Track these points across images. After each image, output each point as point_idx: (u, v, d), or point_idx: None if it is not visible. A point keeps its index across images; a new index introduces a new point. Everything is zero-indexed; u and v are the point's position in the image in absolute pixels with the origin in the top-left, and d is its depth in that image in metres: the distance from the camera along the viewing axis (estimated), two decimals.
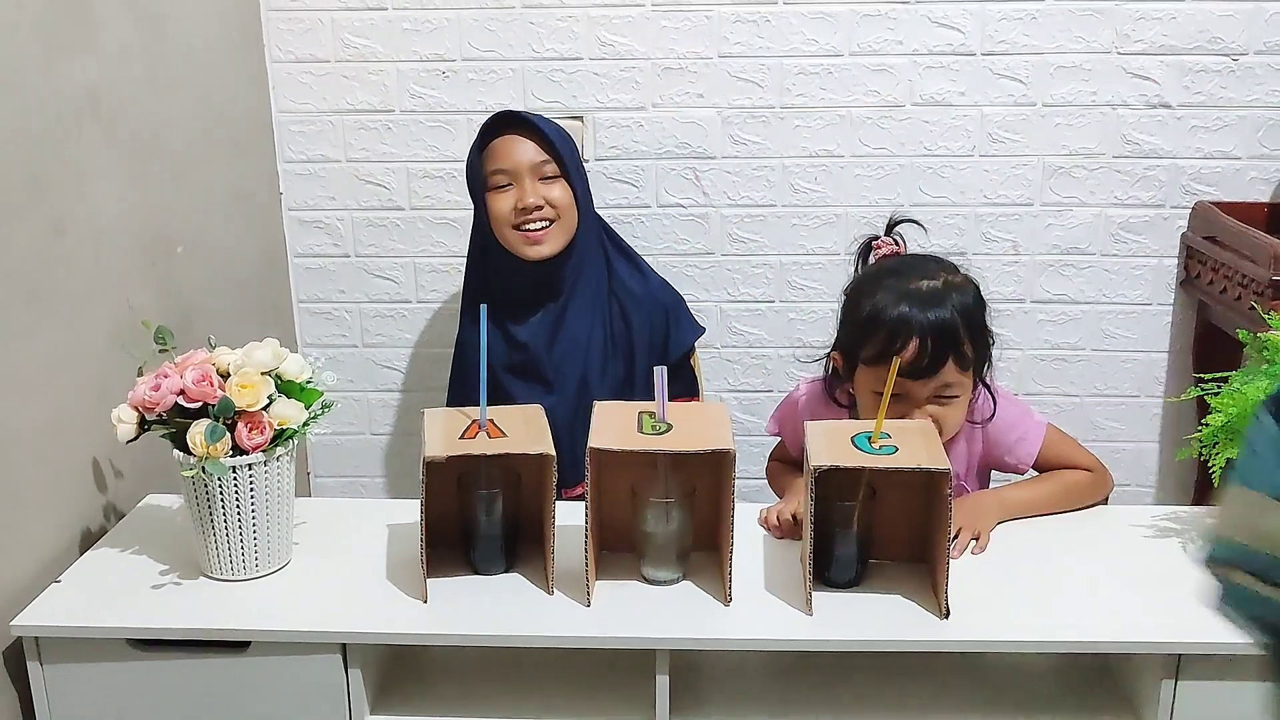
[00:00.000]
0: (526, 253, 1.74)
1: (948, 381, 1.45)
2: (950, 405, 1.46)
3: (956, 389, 1.46)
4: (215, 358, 1.35)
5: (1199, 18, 2.05)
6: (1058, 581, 1.33)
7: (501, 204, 1.73)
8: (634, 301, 1.81)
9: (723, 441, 1.26)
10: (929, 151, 2.15)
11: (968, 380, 1.47)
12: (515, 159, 1.73)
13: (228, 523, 1.32)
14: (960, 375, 1.45)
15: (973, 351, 1.46)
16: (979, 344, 1.48)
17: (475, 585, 1.35)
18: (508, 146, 1.74)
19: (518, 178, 1.72)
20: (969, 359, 1.45)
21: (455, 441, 1.30)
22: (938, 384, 1.45)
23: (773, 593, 1.32)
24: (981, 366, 1.50)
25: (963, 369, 1.45)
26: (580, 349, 1.77)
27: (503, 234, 1.74)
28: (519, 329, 1.78)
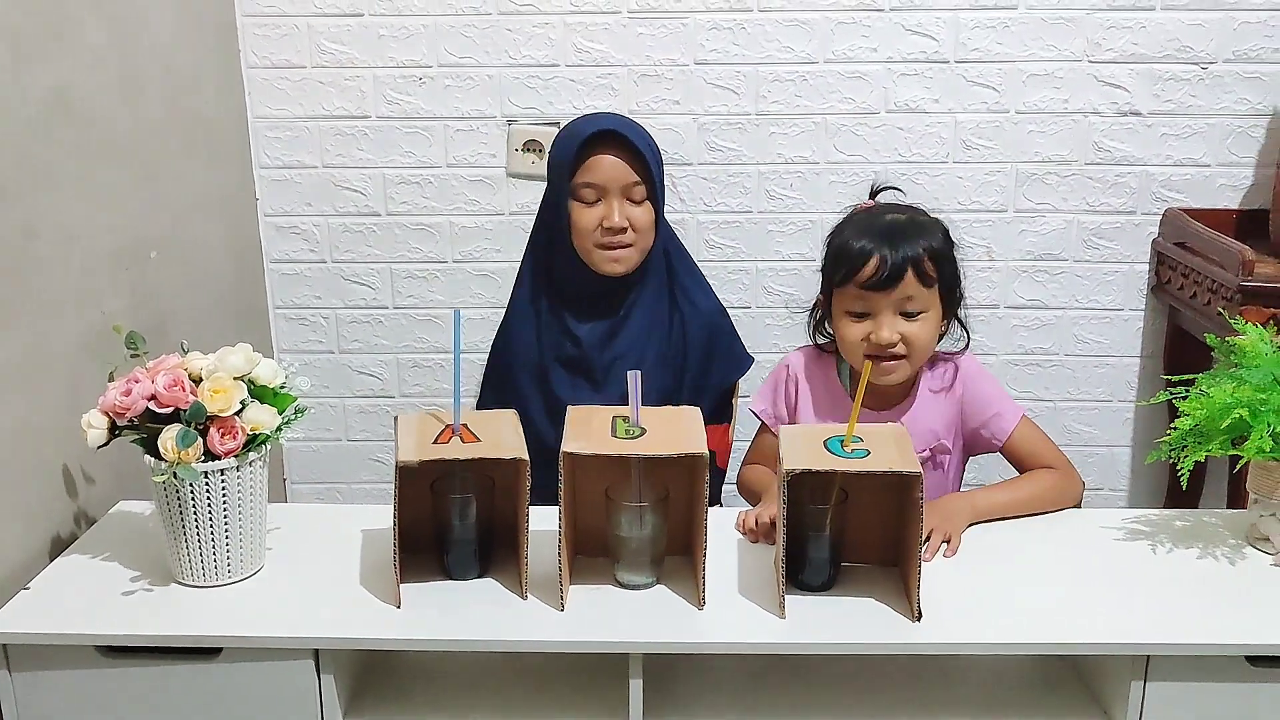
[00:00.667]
0: (602, 268, 1.69)
1: (910, 294, 1.51)
2: (917, 322, 1.52)
3: (921, 304, 1.52)
4: (187, 363, 1.35)
5: (1169, 27, 2.08)
6: (1029, 584, 1.34)
7: (587, 217, 1.66)
8: (698, 319, 1.77)
9: (695, 445, 1.27)
10: (903, 158, 2.16)
11: (933, 298, 1.53)
12: (610, 177, 1.65)
13: (199, 528, 1.32)
14: (923, 290, 1.51)
15: (935, 271, 1.52)
16: (943, 270, 1.53)
17: (449, 590, 1.35)
18: (607, 164, 1.65)
19: (607, 195, 1.66)
20: (930, 277, 1.51)
21: (428, 446, 1.29)
22: (900, 296, 1.51)
23: (746, 596, 1.32)
24: (949, 296, 1.55)
25: (924, 284, 1.51)
26: (633, 358, 1.74)
27: (581, 244, 1.69)
28: (578, 325, 1.73)
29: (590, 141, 1.65)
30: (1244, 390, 1.35)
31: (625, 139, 1.65)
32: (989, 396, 1.60)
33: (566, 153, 1.67)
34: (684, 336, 1.77)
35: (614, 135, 1.65)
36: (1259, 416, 1.34)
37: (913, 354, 1.54)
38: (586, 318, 1.74)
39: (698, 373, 1.78)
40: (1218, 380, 1.38)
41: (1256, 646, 1.22)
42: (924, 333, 1.53)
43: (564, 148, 1.68)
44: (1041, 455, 1.57)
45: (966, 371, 1.61)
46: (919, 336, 1.53)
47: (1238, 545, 1.43)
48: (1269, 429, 1.33)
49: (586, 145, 1.65)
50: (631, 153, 1.66)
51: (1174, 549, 1.43)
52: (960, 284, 1.58)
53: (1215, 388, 1.37)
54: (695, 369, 1.78)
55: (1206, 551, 1.42)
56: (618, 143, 1.66)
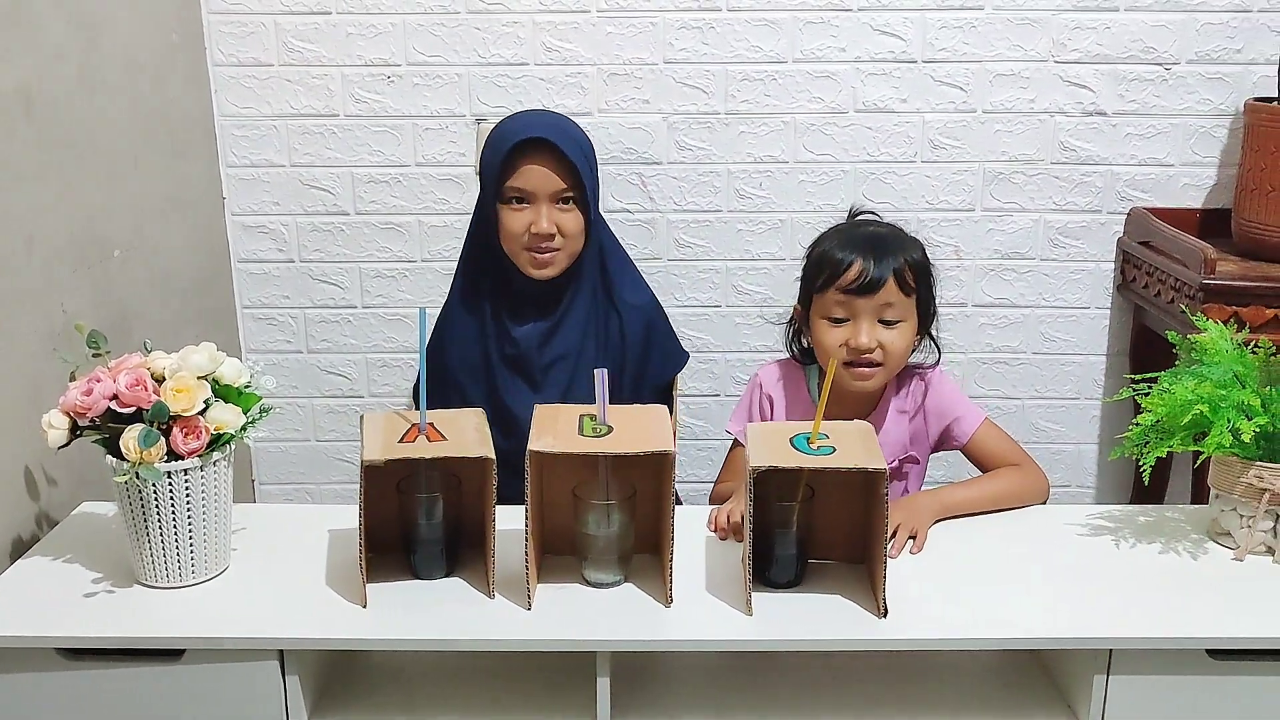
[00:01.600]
0: (529, 272, 1.69)
1: (890, 301, 1.54)
2: (894, 330, 1.55)
3: (899, 312, 1.55)
4: (150, 362, 1.33)
5: (1133, 28, 2.10)
6: (994, 580, 1.35)
7: (515, 221, 1.66)
8: (635, 316, 1.77)
9: (663, 443, 1.27)
10: (872, 157, 2.17)
11: (910, 309, 1.56)
12: (537, 184, 1.64)
13: (162, 529, 1.31)
14: (902, 298, 1.55)
15: (914, 281, 1.55)
16: (921, 282, 1.57)
17: (416, 590, 1.34)
18: (534, 171, 1.64)
19: (536, 201, 1.65)
20: (910, 286, 1.55)
21: (394, 445, 1.29)
22: (880, 302, 1.54)
23: (713, 594, 1.33)
24: (924, 309, 1.59)
25: (904, 293, 1.55)
26: (570, 358, 1.75)
27: (509, 247, 1.69)
28: (515, 327, 1.74)
29: (519, 147, 1.63)
30: (1205, 387, 1.36)
31: (557, 148, 1.63)
32: (951, 401, 1.63)
33: (495, 157, 1.65)
34: (621, 335, 1.77)
35: (543, 141, 1.64)
36: (1219, 412, 1.35)
37: (889, 362, 1.57)
38: (523, 319, 1.74)
39: (636, 370, 1.78)
40: (1179, 377, 1.40)
41: (1217, 640, 1.24)
42: (900, 341, 1.56)
43: (493, 151, 1.67)
44: (1005, 455, 1.59)
45: (930, 382, 1.65)
46: (895, 345, 1.55)
47: (1199, 540, 1.45)
48: (1229, 424, 1.34)
49: (515, 151, 1.63)
50: (561, 159, 1.64)
51: (1137, 544, 1.44)
52: (934, 301, 1.61)
53: (1177, 384, 1.38)
54: (633, 366, 1.78)
55: (1169, 546, 1.43)
56: (547, 149, 1.64)
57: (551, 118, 1.75)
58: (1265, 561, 1.39)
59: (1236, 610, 1.28)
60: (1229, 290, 1.85)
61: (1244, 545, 1.40)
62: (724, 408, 2.29)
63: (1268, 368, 1.41)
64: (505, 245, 1.69)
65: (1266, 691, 1.25)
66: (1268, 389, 1.38)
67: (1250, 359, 1.41)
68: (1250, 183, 1.98)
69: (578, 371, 1.75)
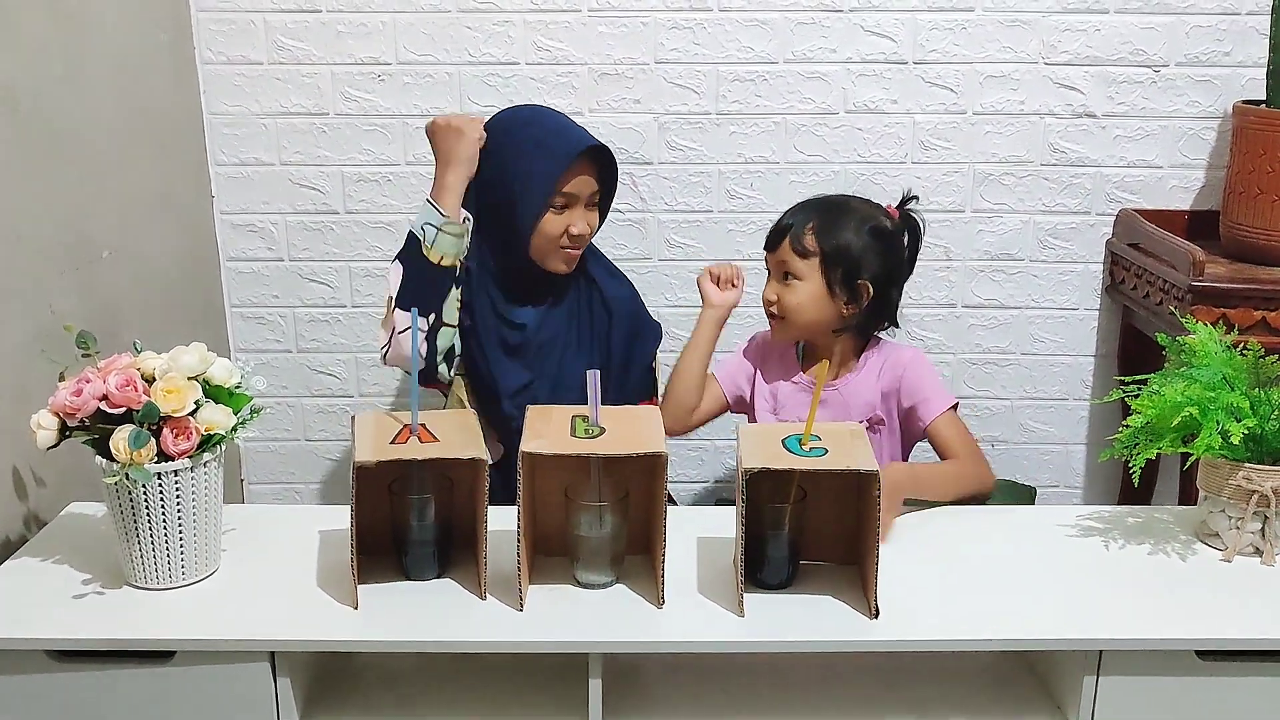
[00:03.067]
0: (558, 268, 1.74)
1: (784, 259, 1.70)
2: (788, 287, 1.70)
3: (796, 271, 1.69)
4: (140, 362, 1.33)
5: (1122, 30, 2.11)
6: (984, 581, 1.36)
7: (555, 226, 1.69)
8: (620, 307, 1.82)
9: (655, 444, 1.27)
10: (862, 158, 2.18)
11: (808, 269, 1.68)
12: (583, 186, 1.71)
13: (152, 530, 1.30)
14: (796, 260, 1.68)
15: (817, 245, 1.67)
16: (833, 249, 1.67)
17: (407, 591, 1.34)
18: (583, 177, 1.70)
19: (577, 204, 1.71)
20: (809, 250, 1.68)
21: (386, 446, 1.29)
22: (778, 260, 1.71)
23: (705, 595, 1.33)
24: (841, 276, 1.67)
25: (799, 254, 1.68)
26: (560, 341, 1.79)
27: (540, 248, 1.71)
28: (514, 310, 1.76)
29: (581, 156, 1.68)
30: (1194, 389, 1.37)
31: (599, 150, 1.70)
32: (923, 381, 1.71)
33: (553, 168, 1.67)
34: (607, 320, 1.82)
35: (601, 152, 1.71)
36: (1208, 414, 1.36)
37: (787, 316, 1.71)
38: (520, 303, 1.77)
39: (623, 356, 1.83)
40: (1169, 379, 1.40)
41: (1205, 640, 1.24)
42: (792, 298, 1.70)
43: (549, 162, 1.67)
44: (961, 446, 1.66)
45: (909, 359, 1.73)
46: (786, 300, 1.70)
47: (1188, 541, 1.45)
48: (1218, 426, 1.35)
49: (577, 156, 1.67)
50: (601, 164, 1.72)
51: (1126, 545, 1.45)
52: (864, 273, 1.67)
53: (1166, 386, 1.39)
54: (620, 353, 1.82)
55: (1158, 548, 1.44)
56: (591, 154, 1.70)
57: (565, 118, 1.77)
58: (1253, 563, 1.40)
59: (1225, 611, 1.29)
60: (1217, 292, 1.86)
61: (1232, 546, 1.41)
62: None
63: (1257, 370, 1.42)
64: (538, 245, 1.71)
65: (1255, 692, 1.26)
66: (1256, 391, 1.39)
67: (1239, 361, 1.42)
68: (1238, 185, 1.99)
69: (565, 353, 1.79)
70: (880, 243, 1.69)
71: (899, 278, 1.73)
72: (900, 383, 1.71)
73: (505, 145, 1.70)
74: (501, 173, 1.70)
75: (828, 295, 1.68)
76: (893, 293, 1.72)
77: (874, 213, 1.72)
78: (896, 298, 1.73)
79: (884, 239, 1.69)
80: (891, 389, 1.72)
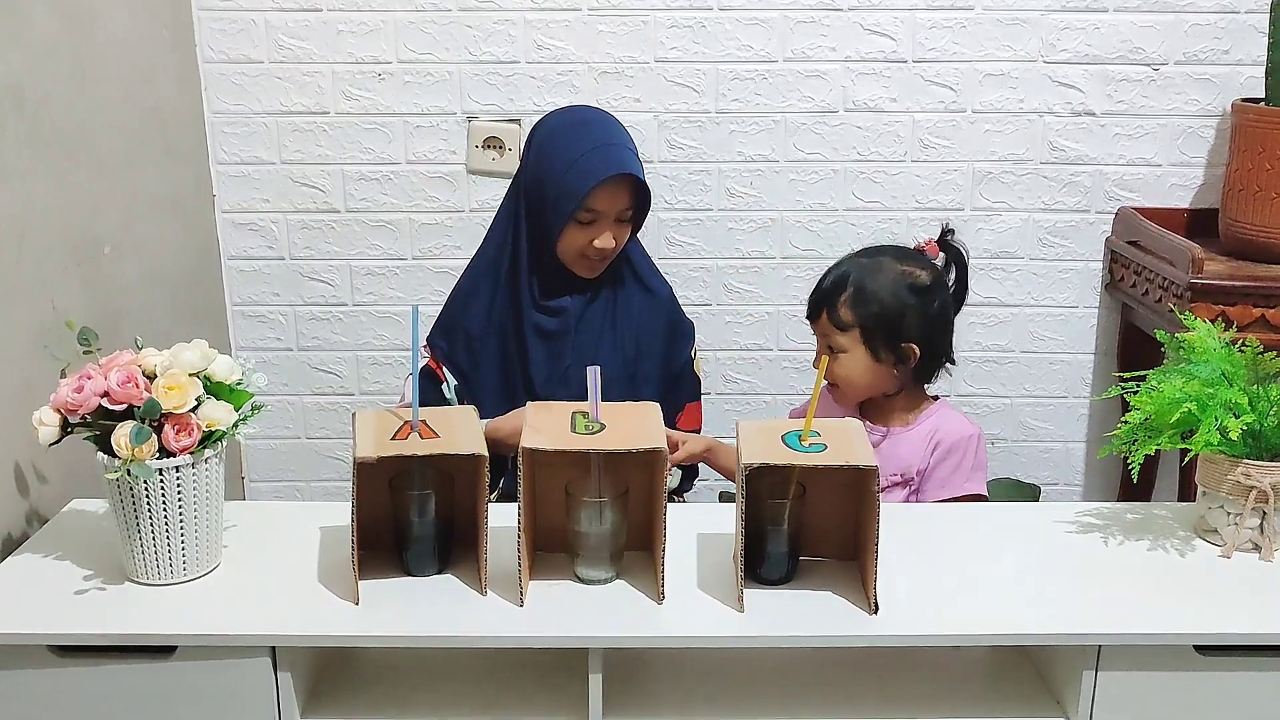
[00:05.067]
0: (581, 274, 1.76)
1: (825, 332, 1.68)
2: (837, 360, 1.66)
3: (838, 345, 1.66)
4: (141, 359, 1.33)
5: (1121, 28, 2.11)
6: (984, 576, 1.36)
7: (579, 237, 1.71)
8: (660, 309, 1.83)
9: (654, 440, 1.27)
10: (862, 157, 2.18)
11: (849, 343, 1.65)
12: (610, 206, 1.70)
13: (154, 526, 1.30)
14: (835, 333, 1.66)
15: (855, 319, 1.64)
16: (876, 320, 1.63)
17: (408, 587, 1.34)
18: (611, 194, 1.68)
19: (604, 220, 1.71)
20: (845, 323, 1.64)
21: (386, 442, 1.29)
22: (820, 332, 1.69)
23: (705, 590, 1.33)
24: (879, 347, 1.64)
25: (838, 327, 1.65)
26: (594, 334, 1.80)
27: (565, 255, 1.74)
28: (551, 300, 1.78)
29: (608, 176, 1.66)
30: (1192, 385, 1.37)
31: (636, 176, 1.69)
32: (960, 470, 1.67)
33: (578, 185, 1.67)
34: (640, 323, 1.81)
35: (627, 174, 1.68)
36: (1207, 410, 1.36)
37: (843, 387, 1.68)
38: (558, 294, 1.78)
39: (662, 359, 1.82)
40: (1167, 375, 1.41)
41: (1204, 635, 1.25)
42: (840, 371, 1.67)
43: (574, 178, 1.67)
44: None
45: (963, 444, 1.67)
46: (836, 373, 1.67)
47: (1187, 537, 1.46)
48: (1216, 423, 1.35)
49: (602, 176, 1.66)
50: (634, 184, 1.71)
51: (1125, 541, 1.45)
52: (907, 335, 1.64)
53: (1165, 383, 1.39)
54: (658, 355, 1.82)
55: (1157, 544, 1.44)
56: (624, 177, 1.68)
57: (613, 132, 1.74)
58: (1252, 558, 1.40)
59: (1223, 606, 1.29)
60: (1216, 289, 1.86)
61: (1231, 542, 1.41)
62: (714, 407, 2.29)
63: (1255, 366, 1.42)
64: (561, 252, 1.73)
65: (1253, 687, 1.26)
66: (1255, 387, 1.39)
67: (1238, 357, 1.42)
68: (1237, 183, 1.99)
69: (600, 346, 1.80)
70: (919, 299, 1.64)
71: (945, 327, 1.69)
72: (942, 458, 1.67)
73: (545, 151, 1.72)
74: (538, 175, 1.72)
75: (874, 363, 1.65)
76: (942, 343, 1.69)
77: (909, 267, 1.66)
78: (948, 343, 1.70)
79: (922, 294, 1.65)
80: (930, 459, 1.67)
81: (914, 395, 1.72)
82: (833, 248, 2.19)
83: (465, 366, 1.80)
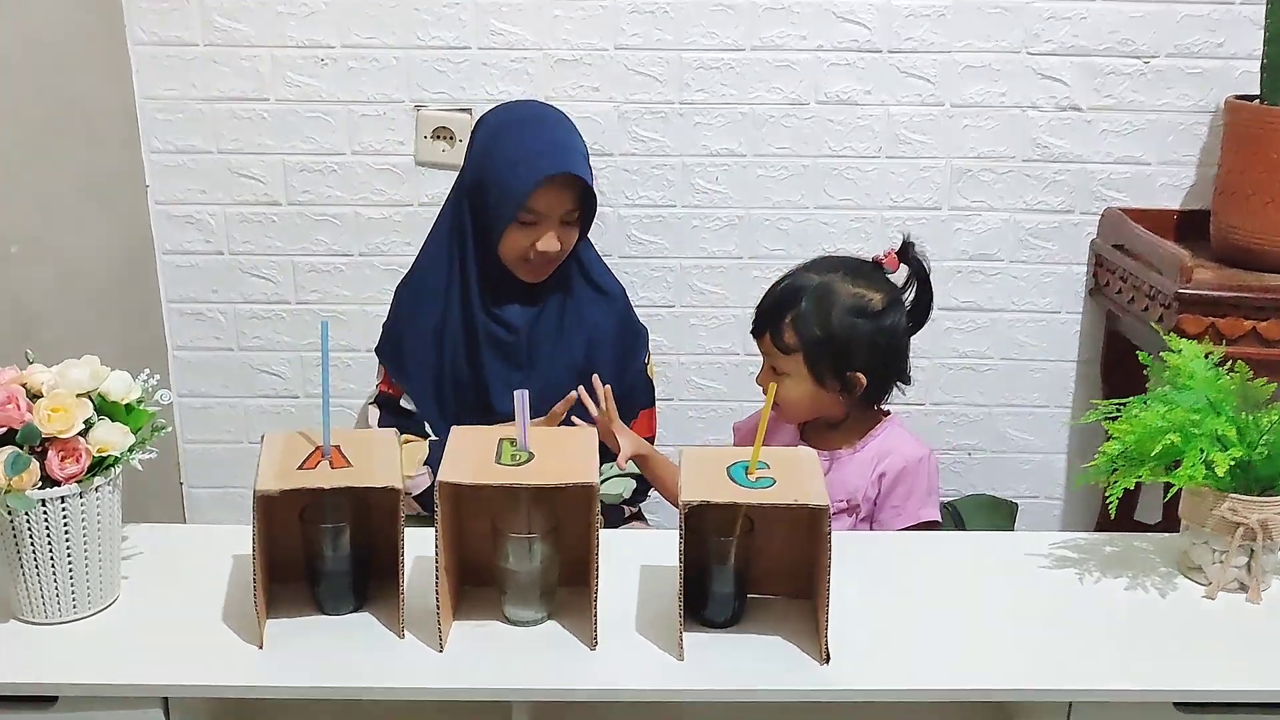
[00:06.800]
0: (524, 278, 1.70)
1: (767, 352, 1.59)
2: (781, 380, 1.57)
3: (781, 367, 1.58)
4: (26, 377, 1.21)
5: (1110, 18, 2.00)
6: (948, 620, 1.25)
7: (520, 240, 1.65)
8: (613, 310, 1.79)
9: (586, 474, 1.16)
10: (834, 152, 2.07)
11: (791, 364, 1.57)
12: (552, 207, 1.64)
13: (37, 562, 1.19)
14: (778, 353, 1.57)
15: (798, 343, 1.55)
16: (821, 345, 1.55)
17: (320, 627, 1.23)
18: (551, 195, 1.63)
19: (547, 222, 1.64)
20: (788, 345, 1.56)
21: (292, 472, 1.18)
22: (765, 350, 1.60)
23: (643, 634, 1.22)
24: (824, 373, 1.56)
25: (780, 349, 1.57)
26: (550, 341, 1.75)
27: (508, 258, 1.67)
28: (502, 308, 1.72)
29: (550, 175, 1.60)
30: (1176, 413, 1.27)
31: (580, 177, 1.63)
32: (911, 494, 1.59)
33: (516, 183, 1.60)
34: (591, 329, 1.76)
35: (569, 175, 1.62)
36: (1192, 442, 1.25)
37: (781, 408, 1.59)
38: (509, 300, 1.72)
39: (616, 367, 1.76)
40: (1150, 403, 1.30)
41: (1184, 692, 1.15)
42: (783, 393, 1.57)
43: (513, 176, 1.61)
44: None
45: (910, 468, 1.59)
46: (781, 394, 1.56)
47: (1169, 575, 1.35)
48: (1202, 455, 1.24)
49: (544, 174, 1.60)
50: (579, 185, 1.64)
51: (1103, 578, 1.35)
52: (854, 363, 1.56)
53: (1147, 410, 1.28)
54: (612, 362, 1.76)
55: (1136, 581, 1.34)
56: (569, 178, 1.62)
57: (561, 131, 1.69)
58: (1238, 600, 1.30)
59: (1207, 659, 1.19)
60: (1206, 300, 1.76)
61: (1216, 582, 1.30)
62: (677, 413, 2.19)
63: (1244, 391, 1.31)
64: (504, 256, 1.67)
65: None
66: (1244, 415, 1.28)
67: (1225, 382, 1.31)
68: (1230, 185, 1.88)
69: (555, 355, 1.74)
70: (869, 324, 1.55)
71: (898, 352, 1.60)
72: (892, 485, 1.59)
73: (487, 148, 1.65)
74: (479, 175, 1.65)
75: (818, 388, 1.57)
76: (894, 367, 1.60)
77: (860, 289, 1.57)
78: (901, 367, 1.61)
79: (873, 319, 1.56)
80: (880, 485, 1.60)
81: (861, 419, 1.63)
82: (803, 247, 2.09)
83: (415, 374, 1.73)
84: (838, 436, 1.63)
